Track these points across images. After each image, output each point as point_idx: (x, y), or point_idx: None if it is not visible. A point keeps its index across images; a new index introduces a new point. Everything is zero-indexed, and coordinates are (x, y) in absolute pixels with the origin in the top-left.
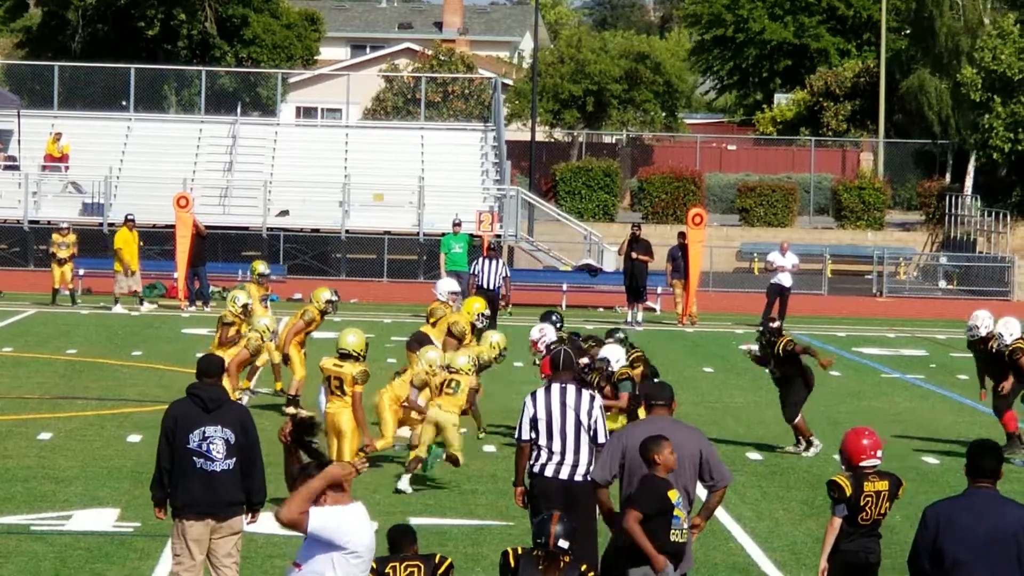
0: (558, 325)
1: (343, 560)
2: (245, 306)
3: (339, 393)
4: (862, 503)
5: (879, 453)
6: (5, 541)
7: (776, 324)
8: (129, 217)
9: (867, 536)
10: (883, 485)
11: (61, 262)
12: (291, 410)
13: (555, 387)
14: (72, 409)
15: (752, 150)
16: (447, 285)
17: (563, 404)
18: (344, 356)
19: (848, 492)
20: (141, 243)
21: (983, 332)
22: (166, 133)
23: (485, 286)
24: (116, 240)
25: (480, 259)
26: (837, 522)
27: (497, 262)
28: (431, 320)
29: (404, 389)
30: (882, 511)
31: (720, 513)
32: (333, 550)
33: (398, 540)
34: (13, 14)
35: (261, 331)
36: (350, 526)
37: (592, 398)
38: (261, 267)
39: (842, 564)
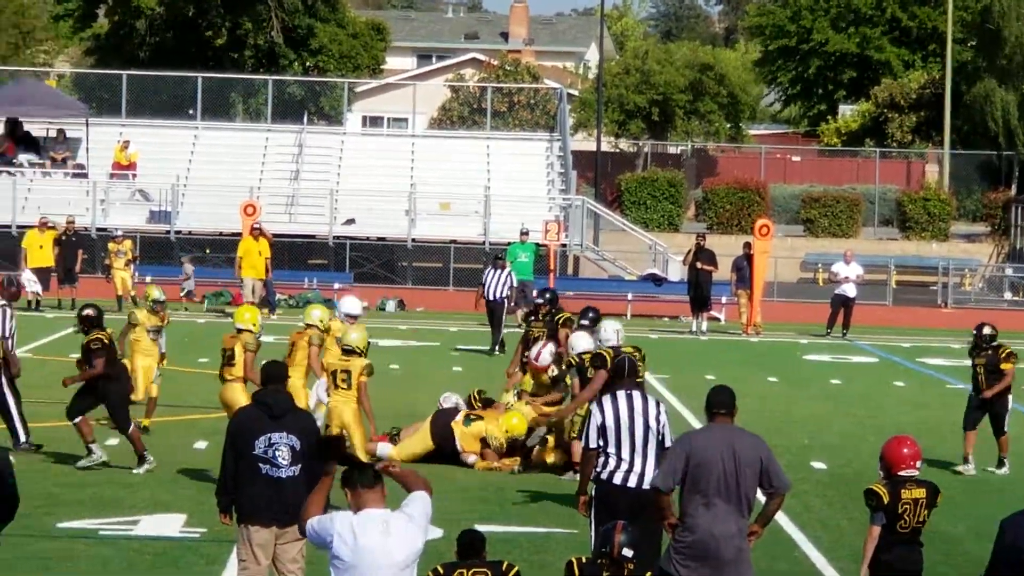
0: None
1: (333, 569)
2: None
3: (344, 387)
4: (900, 511)
5: (919, 464)
6: (73, 545)
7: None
8: (255, 226)
9: (907, 544)
10: (920, 493)
11: (128, 263)
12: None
13: (621, 394)
14: (139, 416)
15: (816, 161)
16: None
17: (631, 410)
18: (348, 352)
19: (886, 500)
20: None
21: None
22: (233, 141)
23: (489, 297)
24: (239, 248)
25: (488, 269)
26: (876, 530)
27: (503, 272)
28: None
29: (532, 411)
30: (921, 519)
31: (785, 522)
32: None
33: (467, 546)
34: (82, 23)
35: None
36: (338, 527)
37: (658, 404)
38: (155, 293)
39: (884, 572)
